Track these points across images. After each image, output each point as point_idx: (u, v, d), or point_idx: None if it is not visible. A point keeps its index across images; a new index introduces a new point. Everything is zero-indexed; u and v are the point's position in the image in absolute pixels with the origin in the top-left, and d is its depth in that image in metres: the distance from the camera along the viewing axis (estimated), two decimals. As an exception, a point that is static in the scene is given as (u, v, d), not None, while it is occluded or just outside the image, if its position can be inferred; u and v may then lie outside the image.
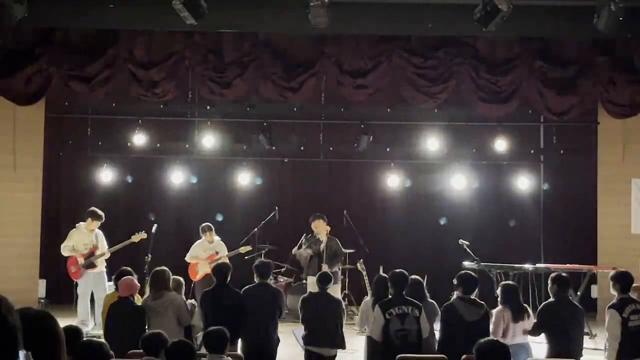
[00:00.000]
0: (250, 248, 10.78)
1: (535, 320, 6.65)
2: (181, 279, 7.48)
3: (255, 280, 7.15)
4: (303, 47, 9.94)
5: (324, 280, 7.16)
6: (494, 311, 6.66)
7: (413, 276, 7.07)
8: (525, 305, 6.84)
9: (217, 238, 10.38)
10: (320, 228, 9.88)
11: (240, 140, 12.09)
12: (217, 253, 10.18)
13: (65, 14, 9.07)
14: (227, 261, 9.87)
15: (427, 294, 7.09)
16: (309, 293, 7.82)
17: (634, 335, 6.37)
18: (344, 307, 7.47)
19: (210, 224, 10.42)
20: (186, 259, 10.29)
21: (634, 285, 6.90)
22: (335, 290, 8.60)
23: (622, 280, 6.68)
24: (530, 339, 6.77)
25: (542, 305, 6.72)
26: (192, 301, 7.46)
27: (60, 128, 11.82)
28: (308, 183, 12.92)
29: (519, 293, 6.86)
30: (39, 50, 9.64)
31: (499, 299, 6.76)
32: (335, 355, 7.02)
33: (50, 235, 11.02)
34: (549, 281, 6.81)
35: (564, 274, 6.97)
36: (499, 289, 6.84)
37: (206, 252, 10.26)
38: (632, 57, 9.56)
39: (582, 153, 11.79)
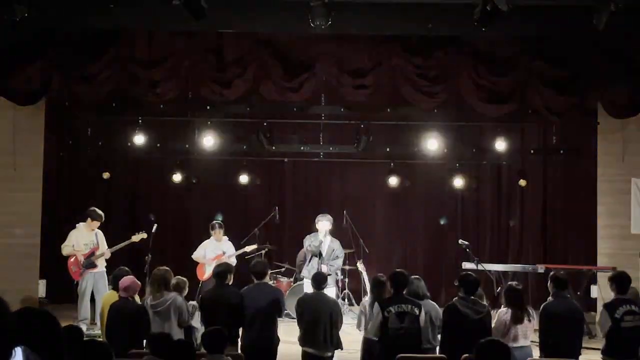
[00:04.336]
0: (256, 246, 10.81)
1: (538, 327, 6.65)
2: (185, 279, 7.47)
3: (253, 281, 7.14)
4: (303, 47, 9.93)
5: (319, 281, 7.15)
6: (497, 312, 6.65)
7: (413, 276, 7.08)
8: (528, 308, 6.81)
9: (224, 238, 10.42)
10: (324, 228, 9.81)
11: (240, 140, 12.10)
12: (223, 253, 10.20)
13: (66, 13, 9.07)
14: (234, 261, 9.94)
15: (428, 294, 7.08)
16: (304, 294, 7.82)
17: (627, 335, 6.39)
18: (340, 307, 7.45)
19: (220, 222, 10.46)
20: (192, 256, 10.37)
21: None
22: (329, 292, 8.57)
23: (618, 280, 6.73)
24: (531, 340, 6.77)
25: (541, 308, 6.71)
26: (194, 302, 7.46)
27: (60, 128, 11.83)
28: (308, 183, 12.93)
29: (523, 296, 6.84)
30: (39, 50, 9.63)
31: (503, 300, 6.76)
32: (332, 356, 7.01)
33: (50, 236, 11.02)
34: (548, 280, 6.84)
35: (561, 273, 6.98)
36: (504, 290, 6.84)
37: (213, 252, 10.29)
38: (632, 57, 9.55)
39: (582, 153, 11.80)
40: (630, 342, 6.40)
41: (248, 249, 10.64)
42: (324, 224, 9.52)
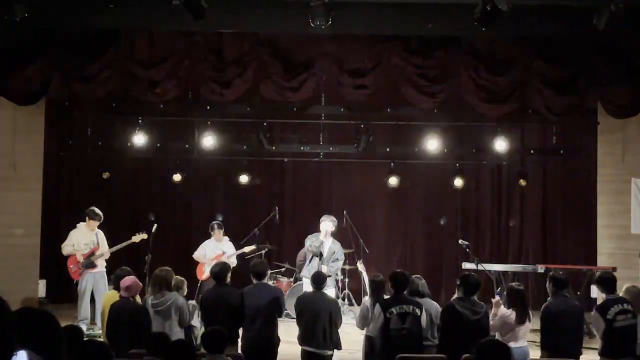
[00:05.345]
0: (255, 247, 10.81)
1: (540, 328, 6.66)
2: (183, 279, 7.48)
3: (253, 281, 7.15)
4: (303, 47, 9.93)
5: (319, 280, 7.15)
6: (499, 312, 6.65)
7: (414, 275, 7.09)
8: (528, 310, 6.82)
9: (225, 238, 10.43)
10: (325, 228, 9.76)
11: (240, 140, 12.09)
12: (223, 253, 10.20)
13: (65, 14, 9.06)
14: (234, 261, 9.93)
15: (429, 293, 7.08)
16: (304, 292, 7.82)
17: (621, 335, 6.41)
18: (340, 306, 7.44)
19: (220, 222, 10.47)
20: (193, 256, 10.38)
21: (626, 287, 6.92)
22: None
23: (604, 281, 6.79)
24: (529, 338, 6.79)
25: (542, 309, 6.72)
26: (193, 302, 7.46)
27: (60, 128, 11.83)
28: (308, 183, 12.92)
29: (525, 297, 6.86)
30: (39, 50, 9.63)
31: (505, 301, 6.77)
32: (331, 355, 7.02)
33: (50, 236, 11.02)
34: (547, 280, 6.85)
35: (560, 273, 7.00)
36: (506, 291, 6.84)
37: (213, 252, 10.29)
38: (632, 57, 9.55)
39: (582, 153, 11.80)
40: (624, 341, 6.42)
41: (247, 249, 10.64)
42: (326, 224, 9.49)
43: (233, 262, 9.86)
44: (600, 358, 6.58)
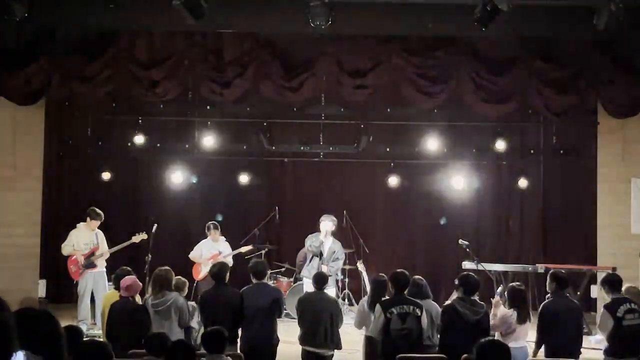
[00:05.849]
0: (251, 247, 10.79)
1: (537, 325, 6.67)
2: (184, 280, 7.48)
3: (252, 281, 7.15)
4: (303, 47, 9.94)
5: (320, 281, 7.16)
6: (499, 312, 6.65)
7: (416, 276, 7.09)
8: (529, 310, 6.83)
9: (222, 238, 10.42)
10: (325, 228, 9.75)
11: (240, 140, 12.09)
12: (220, 253, 10.20)
13: (65, 14, 9.07)
14: (230, 261, 9.92)
15: (431, 295, 7.09)
16: (305, 293, 7.83)
17: (629, 334, 6.41)
18: (340, 307, 7.43)
19: (216, 222, 10.48)
20: (189, 256, 10.37)
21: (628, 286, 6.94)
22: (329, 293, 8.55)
23: (611, 282, 6.80)
24: (528, 338, 6.79)
25: (541, 307, 6.73)
26: (193, 303, 7.46)
27: (60, 128, 11.83)
28: (308, 183, 12.92)
29: (526, 295, 6.86)
30: (39, 50, 9.64)
31: (506, 301, 6.77)
32: (332, 355, 7.02)
33: (50, 235, 11.02)
34: (548, 278, 6.87)
35: (562, 272, 7.01)
36: (508, 292, 6.85)
37: (209, 252, 10.29)
38: (632, 57, 9.55)
39: (582, 153, 11.80)
40: (632, 340, 6.42)
41: (243, 249, 10.61)
42: (325, 224, 9.49)
43: (229, 262, 9.85)
44: (605, 357, 6.57)
